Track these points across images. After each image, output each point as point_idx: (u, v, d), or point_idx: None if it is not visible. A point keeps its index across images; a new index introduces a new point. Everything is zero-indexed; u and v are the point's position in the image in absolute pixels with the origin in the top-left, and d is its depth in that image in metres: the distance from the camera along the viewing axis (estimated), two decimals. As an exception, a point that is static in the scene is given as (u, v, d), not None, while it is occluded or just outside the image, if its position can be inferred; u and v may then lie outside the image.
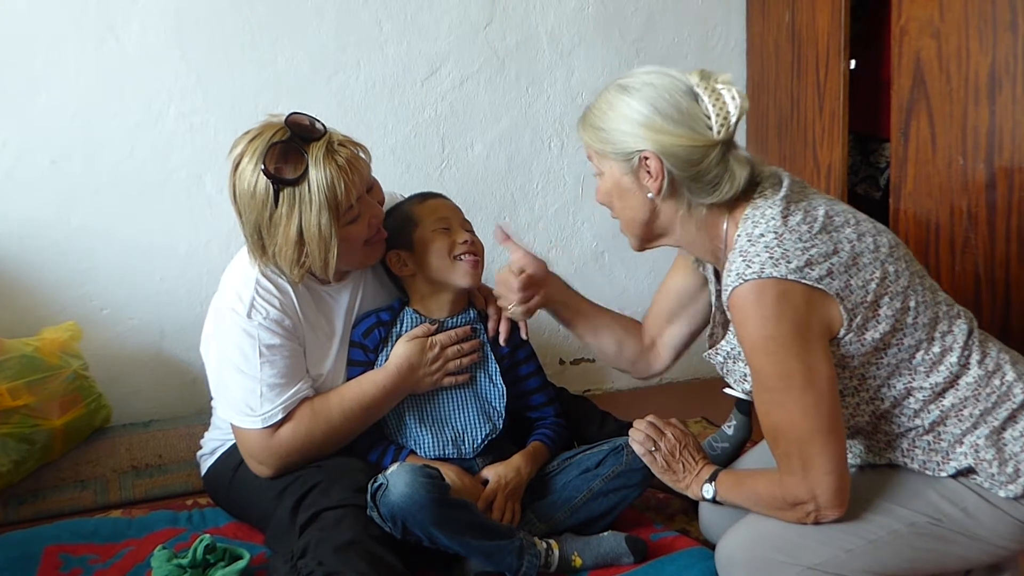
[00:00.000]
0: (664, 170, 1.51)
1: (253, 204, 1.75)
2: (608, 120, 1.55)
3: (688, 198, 1.54)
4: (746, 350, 1.48)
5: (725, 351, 1.62)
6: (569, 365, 2.99)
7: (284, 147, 1.74)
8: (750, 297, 1.43)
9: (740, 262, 1.46)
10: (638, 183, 1.55)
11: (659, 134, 1.50)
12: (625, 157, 1.54)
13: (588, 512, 1.86)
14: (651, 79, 1.54)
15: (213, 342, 1.87)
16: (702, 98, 1.51)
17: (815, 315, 1.44)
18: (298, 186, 1.73)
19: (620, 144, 1.54)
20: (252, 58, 2.54)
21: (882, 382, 1.52)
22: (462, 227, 1.94)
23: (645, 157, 1.51)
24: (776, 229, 1.47)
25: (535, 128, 2.85)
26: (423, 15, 2.68)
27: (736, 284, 1.45)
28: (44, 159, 2.42)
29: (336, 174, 1.73)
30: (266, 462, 1.81)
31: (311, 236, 1.74)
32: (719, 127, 1.50)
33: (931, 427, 1.53)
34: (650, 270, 3.03)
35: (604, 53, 2.87)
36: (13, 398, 2.12)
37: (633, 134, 1.52)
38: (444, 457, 1.89)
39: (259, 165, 1.72)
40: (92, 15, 2.41)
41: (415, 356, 1.89)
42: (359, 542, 1.60)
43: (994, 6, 2.11)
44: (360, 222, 1.82)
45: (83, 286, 2.49)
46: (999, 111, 2.14)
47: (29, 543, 1.90)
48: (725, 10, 2.99)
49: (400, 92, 2.69)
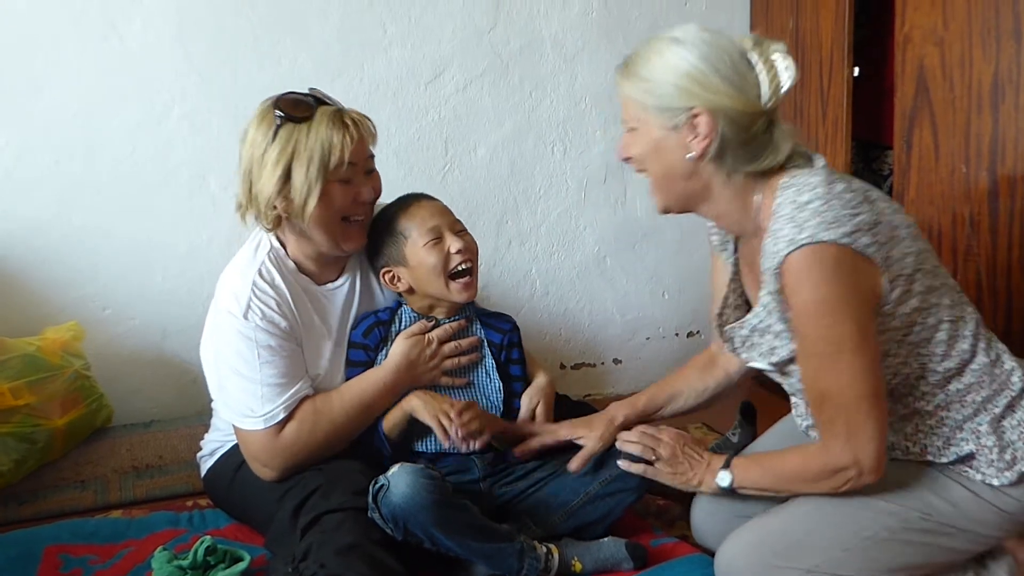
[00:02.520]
0: (716, 131, 1.45)
1: (254, 139, 1.81)
2: (657, 70, 1.47)
3: (730, 164, 1.49)
4: (798, 315, 1.44)
5: (752, 324, 1.59)
6: (570, 370, 2.99)
7: (299, 97, 1.82)
8: (805, 261, 1.40)
9: (790, 227, 1.42)
10: (679, 141, 1.48)
11: (713, 93, 1.44)
12: (672, 112, 1.47)
13: (585, 516, 1.86)
14: (704, 36, 1.48)
15: (211, 345, 1.87)
16: (755, 64, 1.47)
17: (865, 282, 1.42)
18: (298, 124, 1.78)
19: (668, 98, 1.46)
20: (255, 58, 2.54)
21: (902, 360, 1.52)
22: (452, 231, 1.91)
23: (696, 115, 1.45)
24: (823, 196, 1.43)
25: (538, 132, 2.85)
26: (427, 18, 2.68)
27: (789, 249, 1.41)
28: (45, 158, 2.42)
29: (338, 128, 1.79)
30: (270, 464, 1.81)
31: (297, 177, 1.77)
32: (769, 96, 1.46)
33: (935, 410, 1.54)
34: (651, 276, 3.04)
35: (608, 58, 2.87)
36: (15, 397, 2.12)
37: (685, 89, 1.45)
38: (445, 452, 1.89)
39: (272, 106, 1.79)
40: (94, 14, 2.41)
41: (413, 352, 1.89)
42: (360, 546, 1.59)
43: (997, 14, 2.12)
44: (347, 189, 1.83)
45: (85, 286, 2.49)
46: (1002, 119, 2.14)
47: (29, 543, 1.90)
48: (729, 16, 2.99)
49: (404, 95, 2.69)
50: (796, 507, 1.61)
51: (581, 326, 2.99)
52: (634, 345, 3.06)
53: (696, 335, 3.13)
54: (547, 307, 2.94)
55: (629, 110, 1.54)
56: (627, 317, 3.04)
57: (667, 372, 3.06)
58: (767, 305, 1.52)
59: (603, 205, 2.94)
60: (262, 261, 1.86)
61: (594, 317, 3.00)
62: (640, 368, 3.07)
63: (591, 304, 2.99)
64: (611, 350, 3.04)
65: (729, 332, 1.65)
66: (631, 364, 3.06)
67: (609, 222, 2.97)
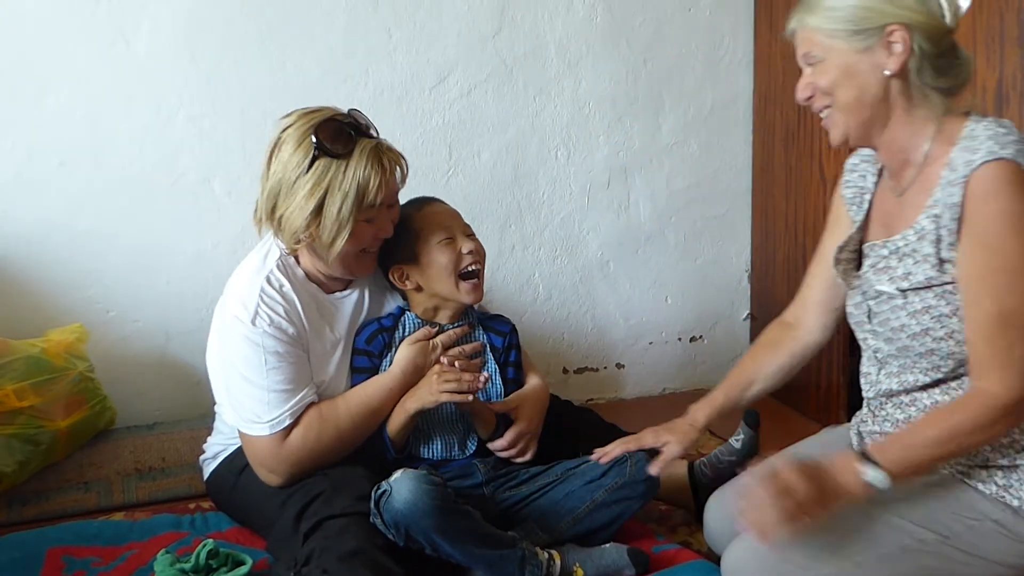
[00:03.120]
0: (912, 44, 1.48)
1: (287, 163, 1.78)
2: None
3: (924, 79, 1.51)
4: (985, 228, 1.42)
5: (895, 246, 1.58)
6: (573, 374, 3.00)
7: (338, 127, 1.80)
8: (1004, 172, 1.40)
9: (991, 143, 1.43)
10: (874, 61, 1.51)
11: (905, 9, 1.48)
12: (866, 33, 1.50)
13: (591, 523, 1.86)
14: None
15: (217, 350, 1.88)
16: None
17: None
18: (337, 161, 1.76)
19: (862, 20, 1.50)
20: (261, 63, 2.55)
21: None
22: (463, 233, 1.95)
23: (892, 31, 1.48)
24: (1021, 136, 1.46)
25: (542, 137, 2.85)
26: (432, 24, 2.69)
27: (989, 158, 1.41)
28: (52, 161, 2.43)
29: (376, 169, 1.78)
30: (276, 470, 1.82)
31: (330, 212, 1.77)
32: (951, 15, 1.50)
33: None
34: (654, 281, 3.04)
35: (612, 63, 2.88)
36: (19, 399, 2.12)
37: (876, 9, 1.49)
38: (450, 458, 1.91)
39: (311, 131, 1.77)
40: (103, 18, 2.42)
41: (419, 358, 1.90)
42: (363, 551, 1.60)
43: (1002, 22, 2.12)
44: (371, 227, 1.84)
45: (89, 288, 2.50)
46: (1006, 127, 2.14)
47: (33, 544, 1.91)
48: (733, 22, 3.00)
49: (408, 100, 2.70)
50: None
51: (584, 330, 3.00)
52: (637, 349, 3.06)
53: (699, 340, 3.13)
54: (550, 311, 2.94)
55: (814, 43, 1.55)
56: (630, 322, 3.05)
57: (670, 376, 3.10)
58: (922, 228, 1.52)
59: (606, 210, 2.95)
60: (271, 268, 1.87)
61: (597, 321, 3.01)
62: (643, 373, 3.08)
63: (594, 308, 3.00)
64: (614, 354, 3.04)
65: (865, 250, 1.65)
66: (634, 368, 3.07)
67: (612, 227, 2.97)
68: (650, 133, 2.96)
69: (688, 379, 3.13)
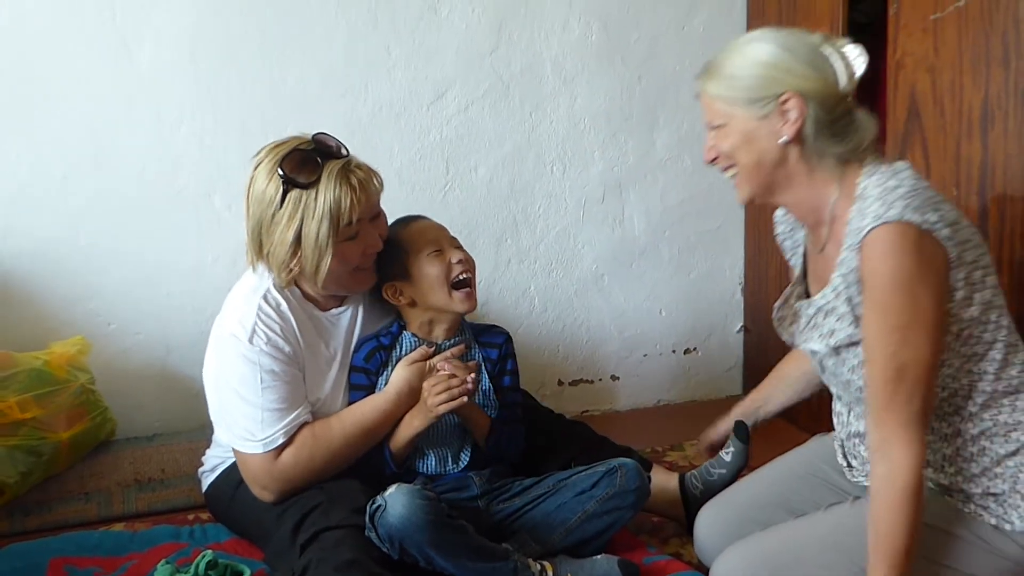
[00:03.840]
0: (806, 112, 1.51)
1: (261, 201, 1.81)
2: (742, 66, 1.55)
3: (819, 146, 1.54)
4: (879, 289, 1.45)
5: (818, 304, 1.61)
6: (568, 386, 3.02)
7: (303, 156, 1.81)
8: (891, 235, 1.43)
9: (878, 205, 1.46)
10: (770, 128, 1.54)
11: (798, 77, 1.51)
12: (762, 101, 1.53)
13: (583, 533, 1.88)
14: (780, 32, 1.56)
15: (213, 368, 1.90)
16: (829, 55, 1.53)
17: (941, 269, 1.45)
18: (306, 191, 1.79)
19: (757, 88, 1.53)
20: (262, 79, 2.59)
21: (953, 372, 1.53)
22: (451, 245, 1.98)
23: (786, 99, 1.51)
24: (911, 186, 1.47)
25: (538, 152, 2.89)
26: (430, 41, 2.73)
27: (875, 224, 1.44)
28: (55, 175, 2.46)
29: (345, 190, 1.79)
30: (269, 487, 1.84)
31: (308, 241, 1.79)
32: (846, 81, 1.53)
33: (978, 436, 1.54)
34: (648, 294, 3.07)
35: (607, 80, 2.92)
36: (22, 411, 2.14)
37: (771, 77, 1.52)
38: (445, 472, 1.93)
39: (277, 166, 1.79)
40: (107, 33, 2.45)
41: (414, 380, 1.92)
42: (359, 563, 1.62)
43: (987, 42, 2.16)
44: (356, 244, 1.86)
45: (91, 301, 2.52)
46: (991, 144, 2.17)
47: (35, 554, 1.94)
48: (726, 40, 2.97)
49: (406, 115, 2.73)
50: (797, 527, 1.63)
51: (579, 343, 3.03)
52: (632, 362, 3.09)
53: (693, 352, 3.16)
54: (545, 324, 2.97)
55: (715, 109, 1.59)
56: (625, 334, 3.08)
57: (664, 388, 3.13)
58: (837, 287, 1.55)
59: (601, 224, 2.98)
60: (268, 287, 1.89)
61: (592, 334, 3.04)
62: (637, 385, 3.10)
63: (589, 321, 3.03)
64: (609, 367, 3.07)
65: (797, 308, 1.68)
66: (628, 381, 3.09)
67: (607, 240, 3.00)
68: (644, 148, 2.99)
69: (682, 391, 3.16)
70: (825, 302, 1.59)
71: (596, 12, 2.88)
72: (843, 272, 1.52)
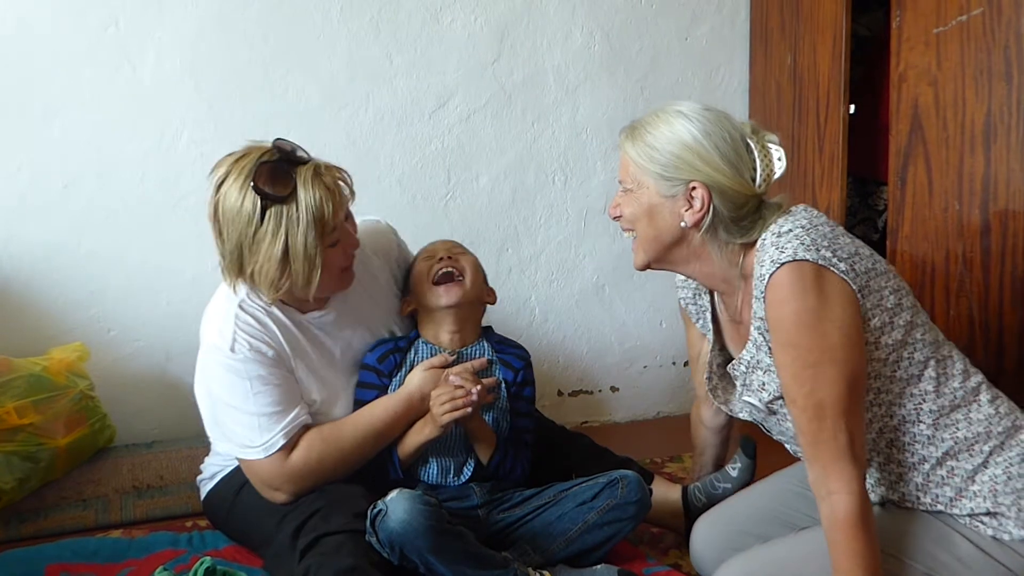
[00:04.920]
0: (711, 205, 1.53)
1: (238, 221, 1.75)
2: (663, 140, 1.55)
3: (719, 235, 1.56)
4: (785, 330, 1.46)
5: (746, 361, 1.61)
6: (568, 397, 3.02)
7: (273, 167, 1.76)
8: (787, 276, 1.45)
9: (772, 250, 1.48)
10: (674, 209, 1.55)
11: (714, 170, 1.52)
12: (672, 182, 1.54)
13: (583, 544, 1.88)
14: (710, 116, 1.56)
15: (203, 384, 1.89)
16: (752, 150, 1.55)
17: (846, 301, 1.46)
18: (286, 204, 1.74)
19: (671, 168, 1.54)
20: (264, 89, 2.59)
21: (894, 398, 1.53)
22: (445, 252, 2.01)
23: (694, 187, 1.53)
24: (803, 226, 1.50)
25: (540, 162, 2.89)
26: (432, 50, 2.73)
27: (772, 269, 1.46)
28: (57, 183, 2.46)
29: (324, 194, 1.76)
30: (282, 487, 1.83)
31: (296, 254, 1.75)
32: (762, 181, 1.54)
33: (943, 459, 1.53)
34: (649, 305, 3.07)
35: (609, 91, 2.92)
36: (20, 416, 2.14)
37: (688, 162, 1.52)
38: (446, 484, 1.93)
39: (248, 182, 1.73)
40: (109, 44, 2.46)
41: (428, 385, 1.91)
42: (359, 568, 1.61)
43: (990, 56, 2.16)
44: (338, 248, 1.84)
45: (91, 308, 2.52)
46: (994, 158, 2.18)
47: (31, 561, 1.92)
48: (729, 52, 3.04)
49: (408, 124, 2.74)
50: (795, 543, 1.62)
51: (579, 354, 3.02)
52: (631, 373, 3.09)
53: (693, 364, 3.15)
54: (546, 334, 2.97)
55: (628, 171, 1.60)
56: (625, 345, 3.07)
57: (664, 400, 3.12)
58: (755, 340, 1.55)
59: (602, 234, 2.98)
60: (243, 296, 1.86)
61: (592, 345, 3.03)
62: (637, 396, 3.10)
63: (589, 332, 3.02)
64: (608, 378, 3.07)
65: (730, 372, 1.67)
66: (628, 392, 3.09)
67: (608, 251, 3.00)
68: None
69: (682, 403, 3.15)
70: (750, 356, 1.59)
71: (599, 22, 2.89)
72: (756, 325, 1.54)
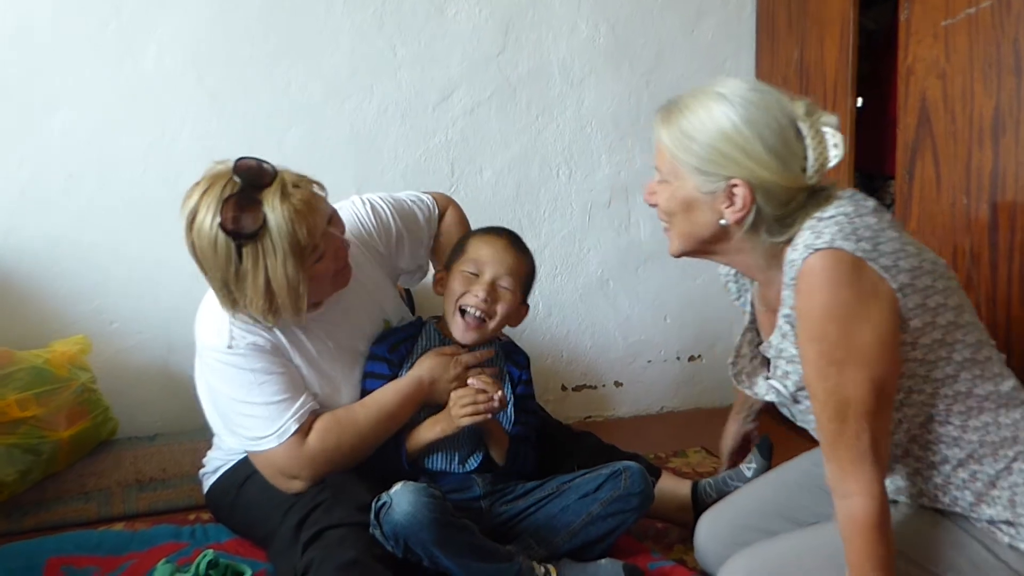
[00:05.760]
0: (753, 204, 1.41)
1: (216, 261, 1.70)
2: (700, 128, 1.41)
3: (762, 234, 1.44)
4: (812, 322, 1.36)
5: (774, 346, 1.52)
6: (571, 391, 3.01)
7: (238, 199, 1.67)
8: (821, 263, 1.34)
9: (809, 235, 1.37)
10: (713, 206, 1.43)
11: (758, 165, 1.38)
12: (711, 177, 1.42)
13: (586, 536, 1.88)
14: (755, 98, 1.41)
15: (205, 385, 1.89)
16: (804, 135, 1.41)
17: (883, 298, 1.35)
18: (259, 239, 1.67)
19: (709, 162, 1.41)
20: (266, 82, 2.58)
21: (926, 398, 1.45)
22: (491, 279, 1.95)
23: (735, 185, 1.40)
24: (847, 213, 1.38)
25: (544, 155, 2.88)
26: (437, 42, 2.72)
27: (805, 254, 1.35)
28: (59, 176, 2.45)
29: (295, 218, 1.67)
30: (300, 474, 1.82)
31: (279, 286, 1.70)
32: (813, 171, 1.40)
33: (966, 461, 1.47)
34: (653, 300, 3.06)
35: (614, 84, 2.91)
36: (21, 409, 2.13)
37: (728, 156, 1.39)
38: (449, 471, 1.93)
39: (216, 220, 1.66)
40: (112, 37, 2.45)
41: (437, 369, 1.93)
42: (361, 561, 1.61)
43: (999, 50, 2.15)
44: (326, 258, 1.79)
45: (93, 300, 2.51)
46: (1002, 153, 2.16)
47: (33, 554, 1.92)
48: (735, 46, 3.03)
49: (412, 117, 2.73)
50: (802, 538, 1.60)
51: (583, 348, 3.02)
52: (635, 368, 3.08)
53: (697, 359, 3.14)
54: (549, 329, 2.96)
55: (663, 159, 1.48)
56: (629, 340, 3.06)
57: (668, 395, 3.11)
58: (781, 328, 1.47)
59: (607, 228, 2.97)
60: None
61: (596, 339, 3.02)
62: (641, 391, 3.09)
63: (593, 326, 3.01)
64: (612, 373, 3.06)
65: (764, 351, 1.59)
66: (632, 387, 3.08)
67: (612, 245, 2.99)
68: (651, 153, 2.95)
69: (686, 398, 3.14)
70: (776, 343, 1.51)
71: (604, 15, 2.87)
72: (785, 313, 1.45)
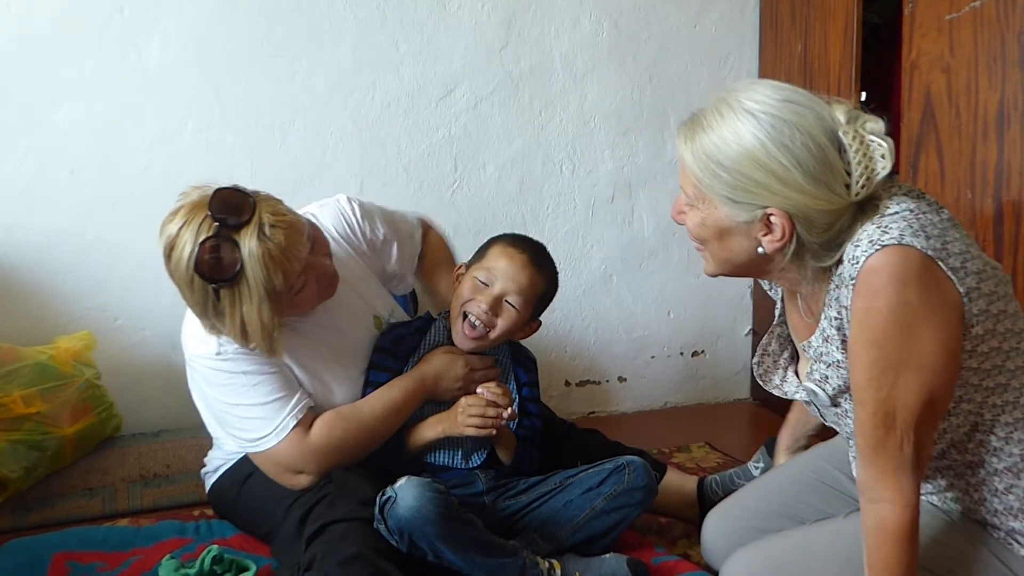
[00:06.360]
0: (793, 233, 1.30)
1: (194, 297, 1.70)
2: (727, 152, 1.29)
3: (808, 259, 1.34)
4: (873, 325, 1.26)
5: (813, 347, 1.44)
6: (575, 387, 3.01)
7: (214, 243, 1.63)
8: (888, 260, 1.23)
9: (873, 230, 1.26)
10: (749, 234, 1.33)
11: (796, 192, 1.26)
12: (744, 207, 1.31)
13: (590, 530, 1.87)
14: (787, 115, 1.28)
15: (198, 394, 1.90)
16: (847, 148, 1.28)
17: (950, 303, 1.26)
18: (235, 283, 1.66)
19: (741, 191, 1.29)
20: (270, 77, 2.58)
21: (975, 407, 1.37)
22: (499, 293, 1.91)
23: (771, 215, 1.29)
24: (911, 208, 1.28)
25: (547, 151, 2.88)
26: (439, 37, 2.72)
27: (872, 251, 1.24)
28: (63, 171, 2.45)
29: (270, 265, 1.65)
30: (305, 468, 1.82)
31: (254, 329, 1.69)
32: (860, 187, 1.28)
33: (1004, 472, 1.41)
34: (657, 295, 3.05)
35: (617, 79, 2.91)
36: (26, 405, 2.14)
37: (760, 183, 1.27)
38: (452, 467, 1.92)
39: (191, 262, 1.64)
40: (115, 31, 2.45)
41: (443, 367, 1.93)
42: (364, 556, 1.60)
43: (1003, 43, 2.14)
44: (308, 288, 1.77)
45: (97, 296, 2.52)
46: (1007, 147, 2.16)
47: (37, 550, 1.92)
48: (738, 40, 3.02)
49: (415, 112, 2.72)
50: (807, 535, 1.60)
51: (587, 343, 3.01)
52: (639, 363, 3.08)
53: (701, 354, 3.14)
54: (553, 324, 2.95)
55: (688, 182, 1.36)
56: (632, 335, 3.06)
57: (671, 391, 3.11)
58: (824, 331, 1.39)
59: (610, 224, 2.97)
60: None
61: (600, 335, 3.02)
62: (645, 386, 3.09)
63: (597, 322, 3.01)
64: (616, 368, 3.06)
65: (803, 349, 1.50)
66: (636, 382, 3.08)
67: (616, 241, 2.99)
68: (655, 148, 2.98)
69: (689, 394, 3.14)
70: (818, 345, 1.43)
71: (607, 9, 2.87)
72: (833, 315, 1.36)
